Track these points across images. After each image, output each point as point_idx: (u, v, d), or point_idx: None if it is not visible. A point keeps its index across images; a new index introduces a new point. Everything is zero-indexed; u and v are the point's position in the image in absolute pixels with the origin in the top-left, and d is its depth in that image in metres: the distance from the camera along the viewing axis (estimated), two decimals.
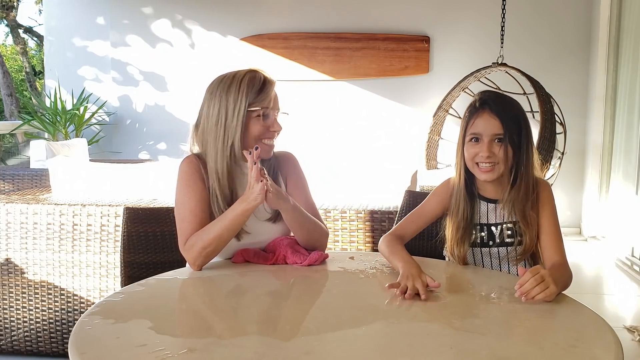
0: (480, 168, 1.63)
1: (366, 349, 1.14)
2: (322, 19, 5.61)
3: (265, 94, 1.68)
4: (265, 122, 1.70)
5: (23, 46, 13.53)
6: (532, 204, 1.63)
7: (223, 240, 1.62)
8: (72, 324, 2.39)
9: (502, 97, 1.69)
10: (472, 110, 1.65)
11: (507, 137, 1.59)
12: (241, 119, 1.66)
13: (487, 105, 1.62)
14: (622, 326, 3.00)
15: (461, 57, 5.39)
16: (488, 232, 1.68)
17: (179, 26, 5.83)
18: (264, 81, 1.69)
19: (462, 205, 1.67)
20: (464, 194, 1.67)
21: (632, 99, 4.48)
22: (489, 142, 1.60)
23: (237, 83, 1.67)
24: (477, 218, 1.68)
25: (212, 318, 1.34)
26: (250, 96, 1.66)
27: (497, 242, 1.67)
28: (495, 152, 1.60)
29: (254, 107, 1.67)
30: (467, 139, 1.64)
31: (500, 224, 1.67)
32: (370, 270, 1.63)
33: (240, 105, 1.66)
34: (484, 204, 1.69)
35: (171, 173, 1.85)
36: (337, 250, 2.63)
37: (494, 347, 1.13)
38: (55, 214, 2.36)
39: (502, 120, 1.60)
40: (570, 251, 1.69)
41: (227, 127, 1.67)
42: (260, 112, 1.68)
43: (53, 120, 5.66)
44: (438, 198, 1.75)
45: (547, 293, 1.36)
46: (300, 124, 5.54)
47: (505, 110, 1.62)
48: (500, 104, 1.63)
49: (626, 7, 4.71)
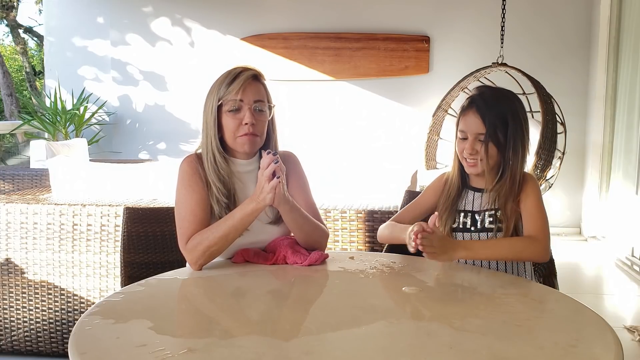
0: (467, 162, 1.73)
1: (366, 349, 1.14)
2: (322, 19, 5.61)
3: (233, 87, 1.66)
4: (237, 116, 1.68)
5: (23, 46, 13.53)
6: (514, 197, 1.71)
7: (229, 240, 1.63)
8: (72, 324, 2.39)
9: (491, 95, 1.74)
10: (463, 107, 1.74)
11: (488, 136, 1.67)
12: (214, 116, 1.68)
13: (474, 104, 1.70)
14: (622, 326, 3.00)
15: (461, 57, 5.39)
16: (472, 219, 1.76)
17: (179, 26, 5.83)
18: (236, 75, 1.68)
19: (452, 192, 1.79)
20: (457, 182, 1.80)
21: (632, 99, 4.48)
22: (473, 140, 1.70)
23: (216, 82, 1.70)
24: (463, 205, 1.78)
25: (212, 318, 1.34)
26: (220, 91, 1.68)
27: (478, 227, 1.75)
28: (478, 150, 1.69)
29: (222, 101, 1.67)
30: (458, 135, 1.75)
31: (483, 212, 1.75)
32: (370, 270, 1.62)
33: (213, 102, 1.69)
34: (471, 193, 1.79)
35: (171, 173, 1.85)
36: (337, 250, 2.63)
37: (494, 347, 1.13)
38: (55, 214, 2.36)
39: (484, 119, 1.67)
40: (570, 251, 1.71)
41: (207, 126, 1.70)
42: (229, 107, 1.67)
43: (53, 120, 5.66)
44: (432, 189, 1.86)
45: (432, 256, 1.57)
46: (300, 124, 5.54)
47: (490, 109, 1.68)
48: (486, 103, 1.69)
49: (626, 7, 4.71)
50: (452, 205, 1.78)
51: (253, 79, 1.69)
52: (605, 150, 4.98)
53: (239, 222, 1.61)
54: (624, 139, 4.66)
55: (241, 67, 1.71)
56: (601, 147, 5.00)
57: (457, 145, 1.75)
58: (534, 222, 1.69)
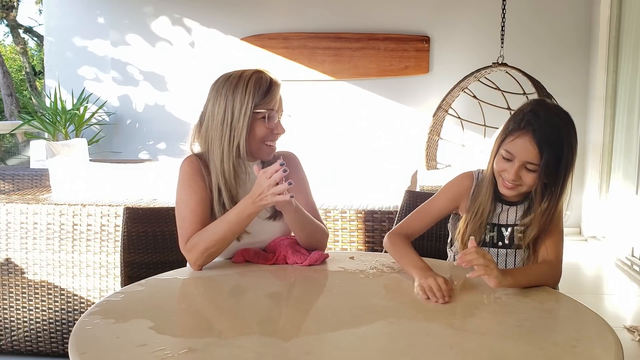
0: (505, 184, 1.58)
1: (366, 349, 1.14)
2: (322, 19, 5.61)
3: (271, 96, 1.68)
4: (269, 124, 1.69)
5: (23, 46, 13.54)
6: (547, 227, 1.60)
7: (227, 242, 1.63)
8: (72, 324, 2.39)
9: (552, 120, 1.54)
10: (516, 126, 1.54)
11: (541, 168, 1.51)
12: (247, 120, 1.65)
13: (532, 129, 1.51)
14: (622, 326, 3.00)
15: (461, 57, 5.39)
16: (498, 232, 1.67)
17: (179, 26, 5.83)
18: (270, 83, 1.69)
19: (488, 204, 1.63)
20: (490, 197, 1.64)
21: (632, 99, 4.48)
22: (519, 166, 1.53)
23: (244, 83, 1.66)
24: (490, 217, 1.66)
25: (212, 318, 1.34)
26: (256, 97, 1.66)
27: (506, 243, 1.66)
28: (522, 177, 1.55)
29: (259, 108, 1.66)
30: (501, 153, 1.57)
31: (512, 226, 1.66)
32: (370, 270, 1.62)
33: (246, 106, 1.65)
34: (499, 205, 1.67)
35: (171, 173, 1.84)
36: (337, 250, 2.63)
37: (494, 347, 1.13)
38: (55, 214, 2.36)
39: (541, 150, 1.50)
40: (570, 251, 1.71)
41: (233, 128, 1.66)
42: (266, 114, 1.67)
43: (53, 120, 5.66)
44: (451, 195, 1.71)
45: (487, 271, 1.38)
46: (300, 124, 5.54)
47: (549, 138, 1.50)
48: (545, 130, 1.50)
49: (626, 7, 4.71)
50: (485, 222, 1.64)
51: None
52: (605, 150, 4.98)
53: (236, 226, 1.61)
54: (624, 139, 4.66)
55: (268, 73, 1.70)
56: (601, 147, 5.00)
57: (497, 163, 1.58)
58: (555, 247, 1.59)
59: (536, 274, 1.52)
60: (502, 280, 1.39)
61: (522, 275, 1.48)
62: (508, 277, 1.42)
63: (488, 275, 1.38)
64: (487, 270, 1.38)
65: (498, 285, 1.39)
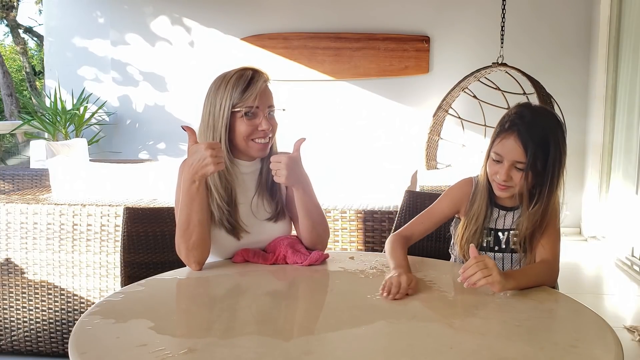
0: (498, 186, 1.62)
1: (366, 349, 1.14)
2: (322, 19, 5.61)
3: (249, 93, 1.64)
4: (252, 122, 1.66)
5: (23, 46, 13.53)
6: (543, 225, 1.62)
7: (199, 224, 1.59)
8: (72, 324, 2.39)
9: (535, 120, 1.58)
10: (502, 128, 1.60)
11: (528, 165, 1.55)
12: (225, 121, 1.64)
13: (517, 129, 1.56)
14: (622, 326, 3.00)
15: (461, 57, 5.39)
16: (495, 237, 1.69)
17: (179, 26, 5.83)
18: (249, 80, 1.65)
19: (483, 209, 1.67)
20: (486, 202, 1.67)
21: (632, 99, 4.48)
22: (509, 166, 1.57)
23: (225, 83, 1.66)
24: (487, 222, 1.69)
25: (212, 318, 1.34)
26: (234, 96, 1.64)
27: (502, 247, 1.69)
28: (514, 178, 1.58)
29: (237, 107, 1.64)
30: (492, 156, 1.61)
31: (508, 231, 1.68)
32: (370, 270, 1.63)
33: (224, 106, 1.64)
34: (496, 210, 1.70)
35: (171, 173, 1.84)
36: (337, 250, 2.63)
37: (494, 347, 1.13)
38: (55, 214, 2.36)
39: (527, 148, 1.54)
40: (570, 251, 1.70)
41: (215, 129, 1.66)
42: (244, 112, 1.65)
43: (53, 120, 5.66)
44: (451, 199, 1.75)
45: (489, 280, 1.38)
46: (300, 124, 5.53)
47: (534, 136, 1.54)
48: (530, 130, 1.55)
49: (626, 7, 4.71)
50: (482, 227, 1.67)
51: (265, 84, 1.68)
52: (605, 150, 4.98)
53: (192, 203, 1.58)
54: (624, 139, 4.66)
55: (251, 70, 1.68)
56: (601, 147, 5.00)
57: (489, 167, 1.62)
58: (552, 246, 1.61)
59: (535, 273, 1.54)
60: (505, 284, 1.41)
61: (523, 276, 1.50)
62: (510, 280, 1.43)
63: (490, 283, 1.40)
64: (489, 279, 1.39)
65: (501, 289, 1.41)
